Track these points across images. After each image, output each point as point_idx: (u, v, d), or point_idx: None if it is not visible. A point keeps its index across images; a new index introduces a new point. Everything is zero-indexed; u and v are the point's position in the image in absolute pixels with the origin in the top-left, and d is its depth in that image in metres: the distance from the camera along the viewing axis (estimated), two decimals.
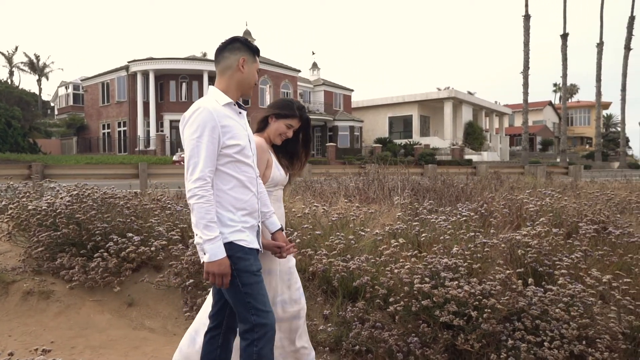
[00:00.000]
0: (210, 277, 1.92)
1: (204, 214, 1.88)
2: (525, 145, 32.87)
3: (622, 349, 2.91)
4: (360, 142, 38.04)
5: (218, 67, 2.12)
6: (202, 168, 1.91)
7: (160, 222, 4.32)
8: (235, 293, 1.99)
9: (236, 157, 2.01)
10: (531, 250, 3.57)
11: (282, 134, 2.37)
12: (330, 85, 39.86)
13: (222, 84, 2.10)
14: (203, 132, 1.92)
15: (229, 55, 2.09)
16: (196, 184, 1.90)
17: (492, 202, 5.23)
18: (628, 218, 5.37)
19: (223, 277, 1.91)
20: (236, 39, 2.12)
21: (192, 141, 1.92)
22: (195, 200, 1.89)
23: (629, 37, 36.44)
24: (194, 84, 33.23)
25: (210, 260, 1.89)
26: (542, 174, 13.23)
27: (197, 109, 1.95)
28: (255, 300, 1.99)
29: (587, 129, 54.91)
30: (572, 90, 63.09)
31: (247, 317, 1.99)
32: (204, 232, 1.88)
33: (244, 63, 2.09)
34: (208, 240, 1.88)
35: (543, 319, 2.97)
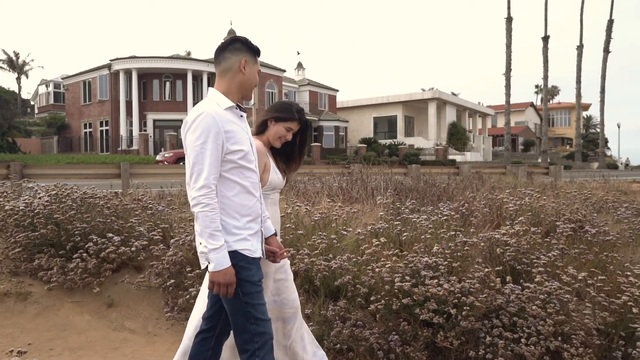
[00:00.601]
0: (215, 287, 1.88)
1: (209, 222, 1.84)
2: (507, 146, 33.34)
3: (597, 345, 2.99)
4: (345, 142, 38.14)
5: (218, 68, 2.07)
6: (207, 175, 1.87)
7: (141, 222, 4.28)
8: (236, 302, 1.95)
9: (240, 162, 1.97)
10: (510, 248, 3.63)
11: (281, 137, 2.36)
12: (316, 85, 39.88)
13: (222, 86, 2.05)
14: (207, 139, 1.88)
15: (230, 56, 2.04)
16: (201, 192, 1.85)
17: (473, 202, 5.31)
18: (604, 217, 5.50)
19: (228, 286, 1.88)
20: (237, 39, 2.07)
21: (196, 147, 1.88)
22: (200, 209, 1.85)
23: (608, 40, 37.23)
24: (177, 83, 32.93)
25: (216, 270, 1.85)
26: (524, 174, 13.44)
27: (200, 114, 1.90)
28: (255, 310, 1.97)
29: (568, 129, 55.92)
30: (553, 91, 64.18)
31: (246, 326, 1.96)
32: (209, 241, 1.84)
33: (246, 64, 2.04)
34: (213, 249, 1.84)
35: (520, 316, 3.03)
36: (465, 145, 38.13)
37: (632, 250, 4.55)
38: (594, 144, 49.34)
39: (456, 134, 37.95)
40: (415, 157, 29.33)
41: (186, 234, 3.87)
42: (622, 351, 2.96)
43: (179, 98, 33.07)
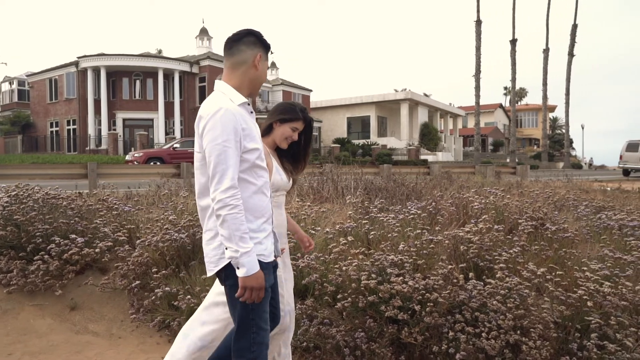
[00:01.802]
0: (247, 293, 1.79)
1: (238, 225, 1.74)
2: (477, 146, 34.06)
3: (554, 337, 3.10)
4: (319, 143, 38.22)
5: (230, 59, 1.96)
6: (233, 176, 1.77)
7: (106, 222, 4.20)
8: (243, 308, 1.87)
9: (255, 162, 1.90)
10: (473, 246, 3.73)
11: (288, 138, 2.35)
12: (289, 85, 39.84)
13: (234, 80, 1.95)
14: (229, 137, 1.78)
15: (245, 49, 1.94)
16: (227, 194, 1.74)
17: (440, 201, 5.41)
18: (565, 215, 5.69)
19: (260, 291, 1.80)
20: (251, 32, 1.98)
21: (218, 146, 1.77)
22: (228, 211, 1.74)
23: (572, 44, 38.46)
24: (148, 81, 32.35)
25: (248, 275, 1.76)
26: (492, 174, 13.78)
27: (218, 110, 1.80)
28: (260, 318, 1.91)
29: (535, 130, 57.52)
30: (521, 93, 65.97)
31: (247, 333, 1.90)
32: (239, 244, 1.74)
33: (260, 60, 1.96)
34: (245, 253, 1.75)
35: (482, 311, 3.11)
36: (437, 146, 38.75)
37: (590, 246, 4.73)
38: (560, 144, 50.90)
39: (428, 134, 38.53)
40: (388, 157, 29.64)
41: (152, 235, 3.82)
42: (577, 343, 3.07)
43: (150, 97, 32.49)
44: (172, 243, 3.68)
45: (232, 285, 1.86)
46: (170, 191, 5.77)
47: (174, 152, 18.37)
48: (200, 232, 3.92)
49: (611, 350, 2.94)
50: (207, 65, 32.68)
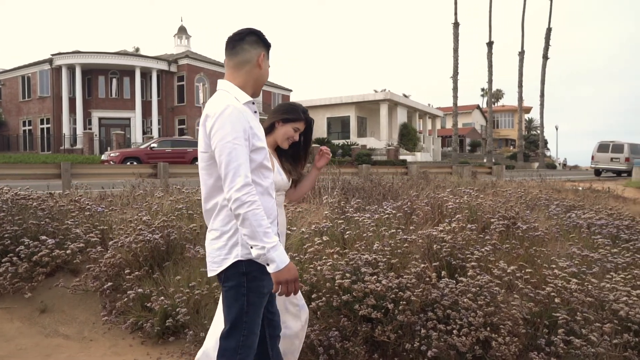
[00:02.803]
0: (282, 287, 1.75)
1: (260, 221, 1.70)
2: (455, 147, 34.55)
3: (523, 333, 3.17)
4: None
5: (234, 59, 1.93)
6: (246, 172, 1.73)
7: (78, 224, 4.13)
8: (238, 310, 1.86)
9: (262, 162, 1.88)
10: (446, 245, 3.79)
11: (289, 138, 2.35)
12: (269, 84, 39.69)
13: (239, 80, 1.93)
14: (238, 134, 1.75)
15: (248, 48, 1.92)
16: (243, 191, 1.70)
17: (416, 201, 5.48)
18: (536, 214, 5.83)
19: (295, 282, 1.77)
20: (253, 31, 1.97)
21: (229, 144, 1.73)
22: (247, 208, 1.69)
23: (547, 47, 39.35)
24: (125, 80, 31.85)
25: (279, 269, 1.72)
26: (468, 174, 14.00)
27: (226, 108, 1.77)
28: (252, 322, 1.88)
29: (511, 131, 58.61)
30: (498, 95, 67.17)
31: (236, 335, 1.87)
32: (264, 240, 1.69)
33: (263, 59, 1.95)
34: (272, 247, 1.70)
35: (454, 308, 3.17)
36: (416, 146, 39.14)
37: (560, 244, 4.86)
38: (535, 145, 51.96)
39: (407, 134, 38.89)
40: (368, 157, 29.81)
41: (125, 236, 3.77)
42: (545, 339, 3.16)
43: (127, 95, 31.99)
44: (146, 244, 3.65)
45: (230, 287, 1.85)
46: (146, 191, 5.70)
47: (151, 152, 18.12)
48: (174, 233, 3.91)
49: (577, 345, 3.04)
50: (186, 64, 32.33)
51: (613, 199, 10.16)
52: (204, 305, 3.39)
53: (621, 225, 5.29)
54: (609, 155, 22.85)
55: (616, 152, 22.66)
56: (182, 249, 3.88)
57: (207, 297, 3.41)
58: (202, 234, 4.21)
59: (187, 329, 3.21)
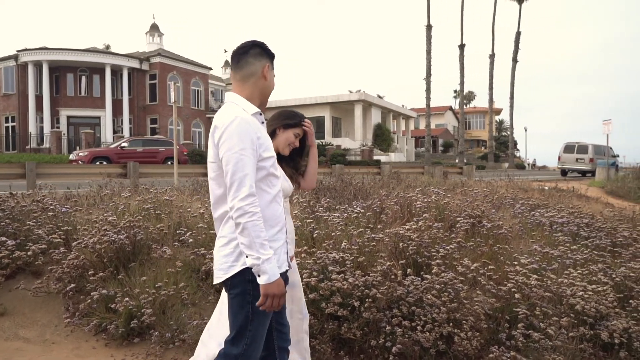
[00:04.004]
0: (268, 300, 1.78)
1: (258, 232, 1.75)
2: (428, 147, 35.06)
3: (485, 328, 3.27)
4: None
5: (240, 72, 2.00)
6: (250, 183, 1.78)
7: (40, 224, 4.03)
8: (243, 318, 1.88)
9: (270, 170, 1.92)
10: (412, 243, 3.86)
11: (290, 144, 2.40)
12: None
13: (246, 92, 1.99)
14: (245, 145, 1.80)
15: (253, 61, 1.99)
16: (247, 201, 1.75)
17: (386, 200, 5.56)
18: (502, 213, 5.99)
19: (281, 297, 1.81)
20: (255, 43, 2.03)
21: (235, 155, 1.79)
22: (248, 219, 1.75)
23: (516, 50, 40.36)
24: (95, 77, 31.13)
25: (270, 282, 1.76)
26: (440, 174, 14.25)
27: (234, 119, 1.83)
28: (256, 332, 1.90)
29: (483, 132, 59.81)
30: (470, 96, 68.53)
31: (240, 343, 1.89)
32: (261, 251, 1.75)
33: (267, 70, 2.01)
34: (266, 259, 1.75)
35: (418, 305, 3.24)
36: (390, 146, 39.52)
37: (524, 242, 5.01)
38: (505, 145, 53.19)
39: (381, 135, 39.22)
40: (342, 157, 29.94)
41: (90, 236, 3.70)
42: (506, 333, 3.26)
43: (97, 94, 31.27)
44: (111, 244, 3.59)
45: (236, 295, 1.88)
46: (113, 191, 5.60)
47: (121, 152, 17.74)
48: (140, 234, 3.85)
49: (536, 339, 3.14)
50: (158, 62, 31.80)
51: (576, 198, 10.51)
52: (171, 305, 3.37)
53: (581, 223, 5.49)
54: (574, 156, 23.60)
55: (581, 153, 23.42)
56: (149, 249, 3.84)
57: (174, 297, 3.39)
58: (170, 234, 4.17)
59: (153, 329, 3.18)
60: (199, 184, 6.87)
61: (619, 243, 5.03)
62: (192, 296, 3.51)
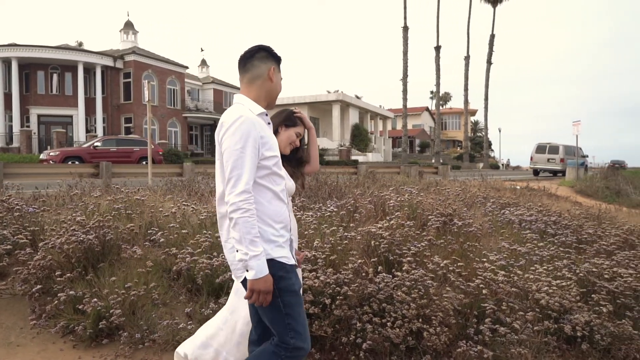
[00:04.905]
0: (254, 295, 1.84)
1: (249, 228, 1.81)
2: (405, 147, 35.44)
3: (454, 324, 3.33)
4: None
5: (246, 75, 2.08)
6: (247, 180, 1.85)
7: (5, 225, 3.92)
8: (277, 314, 1.93)
9: (273, 169, 1.98)
10: (384, 241, 3.91)
11: (292, 143, 2.44)
12: (220, 83, 39.12)
13: (252, 94, 2.07)
14: (246, 143, 1.87)
15: (259, 64, 2.07)
16: (241, 197, 1.82)
17: (360, 199, 5.61)
18: (473, 211, 6.11)
19: (267, 294, 1.86)
20: (262, 47, 2.11)
21: (236, 152, 1.86)
22: (241, 214, 1.81)
23: (490, 53, 41.16)
24: (66, 75, 30.40)
25: (257, 277, 1.82)
26: (415, 174, 14.43)
27: (238, 118, 1.90)
28: (296, 322, 1.95)
29: (458, 133, 60.80)
30: (446, 97, 69.55)
31: (285, 339, 1.94)
32: (249, 247, 1.81)
33: (273, 73, 2.09)
34: (254, 256, 1.81)
35: (389, 302, 3.28)
36: (368, 147, 39.80)
37: (494, 240, 5.13)
38: (480, 146, 54.12)
39: (359, 135, 39.45)
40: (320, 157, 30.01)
41: (58, 237, 3.63)
42: (474, 328, 3.34)
43: (69, 92, 30.55)
44: (79, 244, 3.52)
45: None
46: (83, 191, 5.49)
47: (94, 151, 17.39)
48: (110, 233, 3.80)
49: (502, 333, 3.23)
50: (133, 61, 31.27)
51: (547, 197, 10.80)
52: (141, 306, 3.33)
53: (549, 221, 5.65)
54: (546, 156, 24.21)
55: (552, 153, 24.04)
56: (119, 249, 3.79)
57: (144, 297, 3.35)
58: (141, 234, 4.12)
59: (122, 330, 3.14)
60: (172, 184, 6.80)
61: (584, 240, 5.20)
62: (163, 296, 3.48)
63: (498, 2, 41.09)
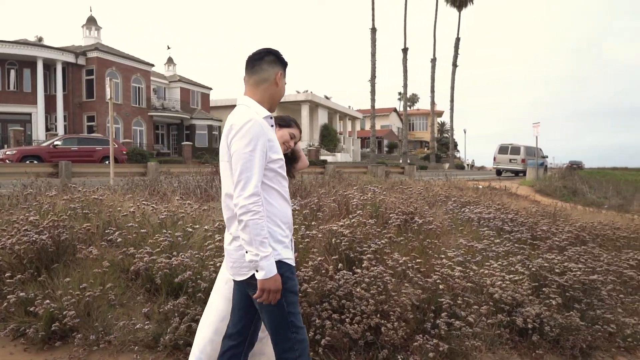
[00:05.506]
0: (265, 295, 1.89)
1: (259, 230, 1.85)
2: (373, 148, 35.83)
3: (411, 318, 3.41)
4: (219, 142, 37.38)
5: (253, 77, 2.11)
6: (256, 183, 1.88)
7: None
8: (280, 313, 1.98)
9: (279, 171, 2.03)
10: (345, 239, 3.96)
11: (286, 143, 2.47)
12: (187, 82, 38.49)
13: (257, 96, 2.09)
14: (256, 146, 1.90)
15: (267, 68, 2.09)
16: (251, 200, 1.85)
17: (324, 198, 5.65)
18: (435, 210, 6.26)
19: (277, 293, 1.91)
20: (270, 51, 2.13)
21: (245, 155, 1.89)
22: (251, 217, 1.84)
23: (456, 56, 42.12)
24: (25, 72, 29.30)
25: (267, 277, 1.87)
26: (382, 173, 14.63)
27: (249, 121, 1.93)
28: (296, 319, 2.02)
29: (425, 133, 61.87)
30: (414, 99, 70.70)
31: (288, 335, 2.00)
32: (260, 249, 1.85)
33: (280, 77, 2.12)
34: (265, 257, 1.86)
35: (348, 298, 3.33)
36: (336, 147, 40.03)
37: (453, 237, 5.27)
38: (447, 147, 55.29)
39: (328, 135, 39.63)
40: None
41: (8, 237, 3.51)
42: (431, 322, 3.43)
43: (27, 89, 29.42)
44: (31, 245, 3.41)
45: None
46: (39, 190, 5.31)
47: (54, 150, 16.82)
48: (65, 233, 3.70)
49: (457, 327, 3.33)
50: (96, 57, 30.38)
51: (507, 196, 11.15)
52: (97, 307, 3.25)
53: (506, 219, 5.85)
54: (508, 156, 24.95)
55: (514, 154, 24.80)
56: (74, 249, 3.69)
57: (100, 298, 3.28)
58: (98, 234, 4.03)
59: (77, 332, 3.06)
60: (134, 184, 6.67)
61: (538, 236, 5.41)
62: (120, 297, 3.41)
63: (463, 6, 42.10)
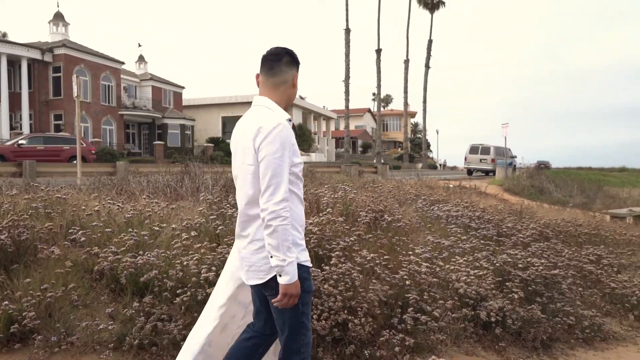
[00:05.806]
0: (286, 299, 1.92)
1: (287, 235, 1.87)
2: (347, 148, 36.01)
3: (379, 314, 3.46)
4: (192, 142, 36.94)
5: (272, 79, 2.09)
6: (285, 189, 1.89)
7: None
8: (294, 313, 2.01)
9: (300, 175, 2.05)
10: (314, 236, 3.98)
11: None
12: (159, 80, 37.84)
13: (275, 97, 2.08)
14: (284, 152, 1.91)
15: (286, 69, 2.08)
16: (280, 205, 1.86)
17: None
18: (405, 208, 6.34)
19: (297, 297, 1.94)
20: (287, 51, 2.12)
21: (275, 160, 1.89)
22: (280, 222, 1.85)
23: (428, 57, 42.78)
24: None
25: (291, 282, 1.89)
26: (355, 173, 14.73)
27: (277, 125, 1.92)
28: (307, 320, 2.07)
29: (399, 134, 62.59)
30: (388, 99, 71.44)
31: (297, 336, 2.03)
32: (287, 254, 1.87)
33: (296, 79, 2.13)
34: (291, 262, 1.88)
35: (316, 295, 3.35)
36: (311, 147, 40.04)
37: (422, 234, 5.35)
38: (420, 147, 56.06)
39: (302, 135, 39.57)
40: None
41: None
42: (398, 317, 3.48)
43: None
44: None
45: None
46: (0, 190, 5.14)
47: (19, 150, 16.29)
48: (26, 233, 3.59)
49: (423, 321, 3.39)
50: (63, 54, 29.53)
51: (476, 194, 11.40)
52: (59, 308, 3.17)
53: (473, 216, 5.98)
54: (478, 156, 25.48)
55: (484, 154, 25.34)
56: (36, 249, 3.59)
57: (62, 299, 3.20)
58: (61, 233, 3.93)
59: (37, 334, 2.98)
60: (101, 183, 6.52)
61: (503, 233, 5.56)
62: (84, 297, 3.34)
63: (435, 9, 42.78)
